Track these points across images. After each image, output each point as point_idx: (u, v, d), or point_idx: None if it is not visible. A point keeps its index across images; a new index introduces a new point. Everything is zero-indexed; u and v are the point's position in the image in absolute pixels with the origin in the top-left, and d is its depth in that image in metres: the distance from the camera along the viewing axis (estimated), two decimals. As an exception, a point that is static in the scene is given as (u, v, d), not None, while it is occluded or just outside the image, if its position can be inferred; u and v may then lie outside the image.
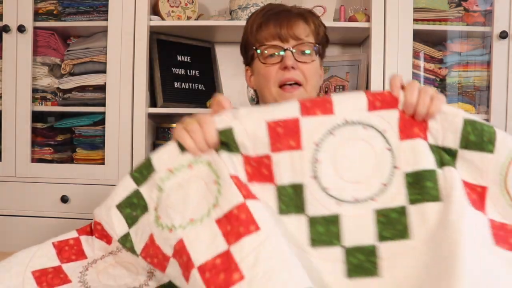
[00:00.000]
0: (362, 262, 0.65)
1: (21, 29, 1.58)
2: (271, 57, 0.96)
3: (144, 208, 0.69)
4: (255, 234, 0.60)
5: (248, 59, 1.03)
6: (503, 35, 1.53)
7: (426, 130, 0.67)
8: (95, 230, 0.73)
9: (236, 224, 0.62)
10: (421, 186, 0.66)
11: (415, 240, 0.64)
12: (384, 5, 1.55)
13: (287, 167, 0.67)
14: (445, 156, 0.67)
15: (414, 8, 1.56)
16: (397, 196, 0.66)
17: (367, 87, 1.64)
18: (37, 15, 1.64)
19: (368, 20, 1.60)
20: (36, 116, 1.68)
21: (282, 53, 0.95)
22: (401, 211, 0.66)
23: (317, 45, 0.98)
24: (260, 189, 0.67)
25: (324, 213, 0.67)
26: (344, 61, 1.75)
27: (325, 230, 0.67)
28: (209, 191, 0.65)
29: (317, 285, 0.63)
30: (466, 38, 1.65)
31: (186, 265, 0.61)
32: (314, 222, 0.67)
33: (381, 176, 0.67)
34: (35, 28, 1.63)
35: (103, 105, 1.62)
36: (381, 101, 0.68)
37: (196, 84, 1.78)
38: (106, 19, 1.61)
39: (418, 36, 1.59)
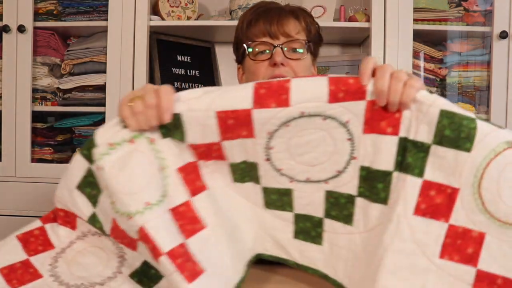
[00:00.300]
0: (308, 228, 0.70)
1: (21, 29, 1.58)
2: (261, 54, 0.95)
3: (97, 186, 0.66)
4: (202, 232, 0.64)
5: (240, 57, 1.03)
6: (503, 35, 1.53)
7: (399, 121, 0.61)
8: (58, 216, 0.71)
9: (186, 221, 0.64)
10: (372, 184, 0.64)
11: (355, 228, 0.67)
12: (384, 5, 1.55)
13: (239, 150, 0.66)
14: (409, 157, 0.61)
15: (414, 8, 1.55)
16: (348, 184, 0.66)
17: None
18: (37, 15, 1.64)
19: (368, 20, 1.60)
20: (36, 116, 1.68)
21: (271, 50, 0.93)
22: (350, 199, 0.66)
23: (308, 42, 0.96)
24: (212, 163, 0.68)
25: (277, 186, 0.69)
26: (344, 61, 1.75)
27: (278, 198, 0.70)
28: (155, 175, 0.64)
29: (270, 238, 0.72)
30: (466, 38, 1.65)
31: (153, 251, 0.61)
32: (267, 191, 0.70)
33: (336, 164, 0.65)
34: (35, 28, 1.63)
35: (103, 105, 1.61)
36: (345, 92, 0.61)
37: (196, 84, 1.78)
38: (106, 19, 1.60)
39: (418, 36, 1.59)
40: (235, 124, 0.63)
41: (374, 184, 0.64)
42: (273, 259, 0.73)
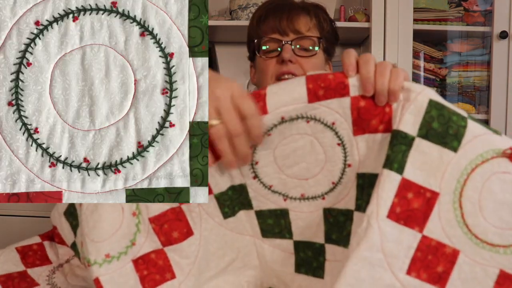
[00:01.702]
0: (310, 258, 0.63)
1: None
2: (270, 51, 0.93)
3: (77, 219, 0.65)
4: (170, 282, 0.60)
5: (251, 54, 1.01)
6: (503, 35, 1.53)
7: (391, 116, 0.54)
8: (55, 235, 0.71)
9: (153, 270, 0.60)
10: (368, 193, 0.55)
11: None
12: (384, 5, 1.55)
13: (223, 175, 0.62)
14: (389, 148, 0.53)
15: (414, 8, 1.56)
16: (346, 197, 0.59)
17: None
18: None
19: (368, 20, 1.60)
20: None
21: (280, 47, 0.91)
22: (348, 215, 0.58)
23: (319, 39, 0.93)
24: (197, 205, 0.63)
25: (272, 207, 0.63)
26: (344, 61, 1.75)
27: (275, 223, 0.64)
28: (127, 222, 0.60)
29: (273, 274, 0.65)
30: (466, 38, 1.65)
31: None
32: (262, 215, 0.64)
33: (330, 174, 0.58)
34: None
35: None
36: (325, 89, 0.54)
37: (196, 84, 1.78)
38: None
39: (418, 36, 1.59)
40: (213, 143, 0.57)
41: (369, 191, 0.55)
42: None
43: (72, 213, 0.66)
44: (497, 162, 0.52)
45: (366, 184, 0.56)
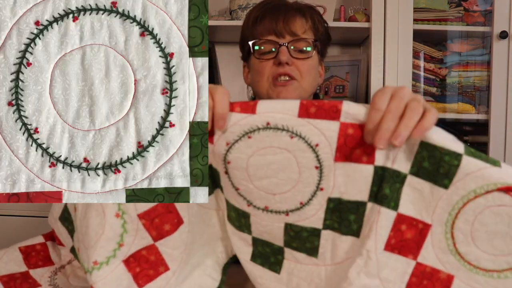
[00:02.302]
0: (267, 253, 0.65)
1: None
2: (266, 53, 0.92)
3: (72, 224, 0.65)
4: (164, 274, 0.61)
5: (245, 55, 1.00)
6: (503, 35, 1.53)
7: (375, 149, 0.55)
8: (55, 237, 0.72)
9: (146, 266, 0.60)
10: (342, 216, 0.58)
11: (320, 261, 0.61)
12: (384, 5, 1.55)
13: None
14: (387, 188, 0.55)
15: (414, 8, 1.55)
16: (312, 217, 0.59)
17: (367, 87, 1.64)
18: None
19: (368, 20, 1.60)
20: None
21: (276, 49, 0.90)
22: (314, 232, 0.60)
23: (315, 41, 0.94)
24: None
25: (236, 205, 0.63)
26: (344, 61, 1.75)
27: (236, 218, 0.65)
28: (111, 226, 0.60)
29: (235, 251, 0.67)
30: (466, 38, 1.65)
31: None
32: (228, 204, 0.65)
33: (300, 195, 0.58)
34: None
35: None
36: (318, 107, 0.54)
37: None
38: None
39: (418, 36, 1.59)
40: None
41: (345, 216, 0.58)
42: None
43: (67, 218, 0.66)
44: (491, 196, 0.53)
45: (341, 209, 0.58)
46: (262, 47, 0.93)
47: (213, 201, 0.67)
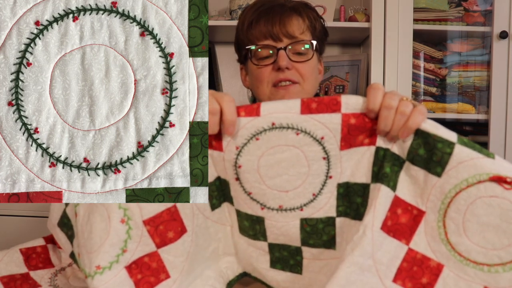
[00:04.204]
0: (286, 257, 0.65)
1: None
2: (264, 58, 0.90)
3: (72, 229, 0.65)
4: (165, 282, 0.61)
5: (242, 58, 0.98)
6: (503, 35, 1.53)
7: (377, 133, 0.58)
8: (55, 241, 0.72)
9: (147, 273, 0.60)
10: (351, 200, 0.60)
11: (338, 252, 0.61)
12: (384, 5, 1.55)
13: (211, 167, 0.63)
14: (387, 167, 0.57)
15: (414, 8, 1.55)
16: (325, 206, 0.61)
17: (367, 87, 1.64)
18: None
19: (368, 20, 1.60)
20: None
21: (274, 53, 0.88)
22: (329, 222, 0.61)
23: (313, 42, 0.91)
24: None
25: (249, 212, 0.64)
26: (344, 61, 1.75)
27: (250, 226, 0.65)
28: (115, 231, 0.59)
29: (249, 263, 0.68)
30: (466, 38, 1.65)
31: None
32: (240, 215, 0.65)
33: (311, 187, 0.60)
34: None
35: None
36: (318, 103, 0.57)
37: (196, 84, 1.78)
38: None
39: (418, 36, 1.59)
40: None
41: (353, 199, 0.60)
42: (259, 281, 0.70)
43: (66, 223, 0.66)
44: (483, 186, 0.54)
45: (349, 192, 0.60)
46: (259, 50, 0.90)
47: (220, 215, 0.67)
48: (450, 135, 0.55)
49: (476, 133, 1.64)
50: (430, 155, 0.55)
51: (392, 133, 0.56)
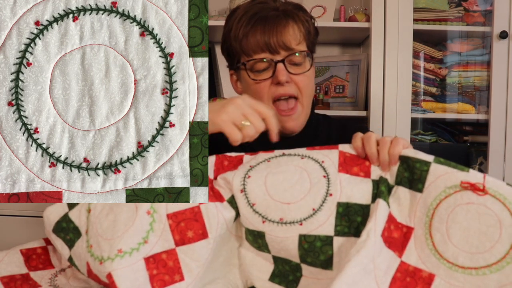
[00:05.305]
0: (287, 272, 0.68)
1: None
2: (261, 72, 0.87)
3: (76, 231, 0.67)
4: (178, 284, 0.61)
5: (233, 65, 0.93)
6: (503, 35, 1.53)
7: (370, 169, 0.67)
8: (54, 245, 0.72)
9: (163, 270, 0.61)
10: (350, 219, 0.64)
11: (335, 273, 0.62)
12: (384, 5, 1.55)
13: (222, 183, 0.67)
14: (382, 186, 0.65)
15: (414, 8, 1.55)
16: (324, 224, 0.64)
17: (367, 87, 1.64)
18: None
19: (368, 20, 1.60)
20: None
21: (272, 66, 0.86)
22: (326, 241, 0.63)
23: (310, 53, 0.90)
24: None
25: (250, 228, 0.66)
26: (344, 61, 1.75)
27: (253, 240, 0.67)
28: (141, 220, 0.62)
29: (246, 275, 0.70)
30: (466, 38, 1.65)
31: None
32: (245, 229, 0.68)
33: (312, 200, 0.65)
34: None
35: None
36: (320, 146, 0.71)
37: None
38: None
39: (418, 36, 1.59)
40: (228, 165, 0.70)
41: (353, 218, 0.64)
42: None
43: (64, 228, 0.67)
44: (460, 195, 0.60)
45: (349, 212, 0.65)
46: (255, 66, 0.87)
47: (236, 227, 0.69)
48: (427, 157, 0.63)
49: (476, 133, 1.64)
50: (412, 175, 0.63)
51: (382, 159, 0.66)
